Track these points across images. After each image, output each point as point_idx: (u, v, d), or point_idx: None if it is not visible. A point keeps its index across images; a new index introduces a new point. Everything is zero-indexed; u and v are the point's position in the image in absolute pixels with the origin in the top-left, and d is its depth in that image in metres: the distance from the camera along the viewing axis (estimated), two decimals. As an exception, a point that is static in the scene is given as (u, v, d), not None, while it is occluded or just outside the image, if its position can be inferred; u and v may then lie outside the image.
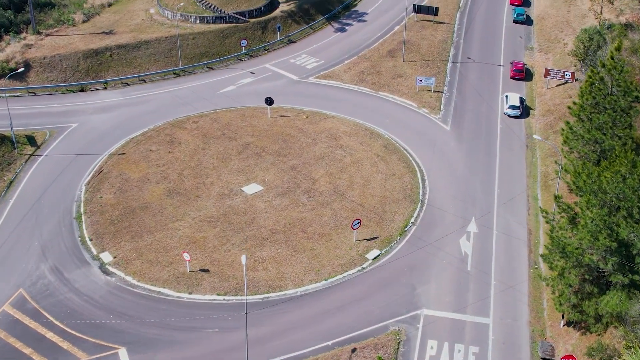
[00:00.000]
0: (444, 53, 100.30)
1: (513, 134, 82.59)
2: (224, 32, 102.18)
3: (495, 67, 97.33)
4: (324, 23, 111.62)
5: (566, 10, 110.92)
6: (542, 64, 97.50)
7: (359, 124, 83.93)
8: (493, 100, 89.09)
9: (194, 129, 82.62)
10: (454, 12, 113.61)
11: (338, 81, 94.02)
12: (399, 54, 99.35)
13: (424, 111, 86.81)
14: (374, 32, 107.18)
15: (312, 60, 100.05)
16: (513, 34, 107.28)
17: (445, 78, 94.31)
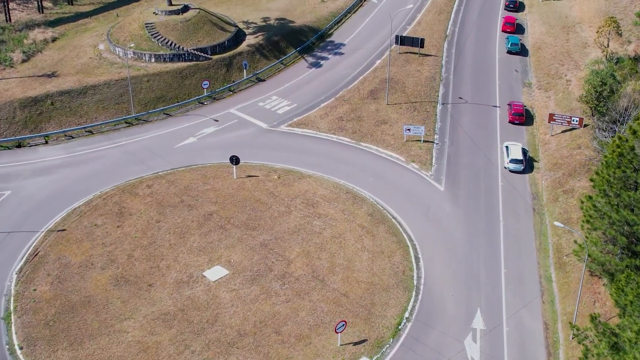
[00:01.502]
0: (432, 93, 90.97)
1: (516, 193, 73.43)
2: (182, 72, 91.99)
3: (491, 108, 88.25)
4: (296, 57, 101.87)
5: (564, 39, 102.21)
6: (542, 103, 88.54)
7: (340, 185, 74.20)
8: (491, 150, 79.99)
9: (148, 195, 72.32)
10: (440, 41, 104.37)
11: (314, 130, 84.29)
12: (381, 94, 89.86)
13: (414, 167, 77.35)
14: (352, 67, 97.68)
15: (284, 103, 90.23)
16: (508, 67, 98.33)
17: (436, 124, 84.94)
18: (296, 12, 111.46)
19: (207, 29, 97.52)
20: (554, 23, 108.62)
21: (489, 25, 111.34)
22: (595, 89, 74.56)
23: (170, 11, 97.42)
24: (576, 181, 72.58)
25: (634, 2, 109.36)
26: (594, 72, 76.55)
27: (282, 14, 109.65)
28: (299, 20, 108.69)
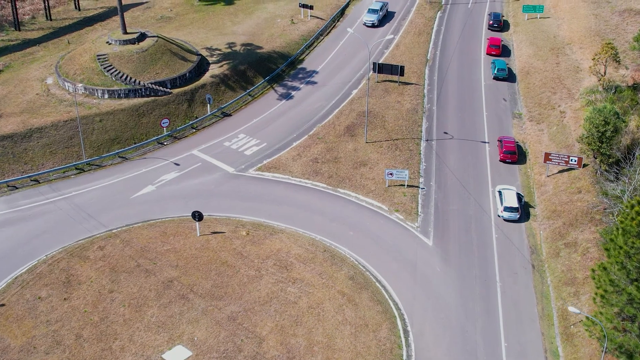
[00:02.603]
0: (415, 127, 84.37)
1: (513, 246, 67.06)
2: (139, 109, 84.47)
3: (479, 145, 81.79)
4: (265, 87, 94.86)
5: (554, 62, 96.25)
6: (535, 138, 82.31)
7: (316, 241, 67.26)
8: (482, 195, 73.81)
9: (99, 259, 64.87)
10: (421, 67, 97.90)
11: (285, 174, 77.28)
12: (359, 131, 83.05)
13: (398, 217, 70.65)
14: (327, 98, 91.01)
15: (252, 142, 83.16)
16: (495, 95, 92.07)
17: (420, 165, 78.34)
18: (264, 36, 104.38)
19: (166, 60, 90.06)
20: (542, 44, 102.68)
21: (473, 47, 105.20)
22: (598, 129, 68.24)
23: (125, 40, 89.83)
24: (579, 232, 66.28)
25: (625, 19, 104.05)
26: (595, 109, 70.35)
27: (248, 39, 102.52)
28: (267, 46, 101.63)
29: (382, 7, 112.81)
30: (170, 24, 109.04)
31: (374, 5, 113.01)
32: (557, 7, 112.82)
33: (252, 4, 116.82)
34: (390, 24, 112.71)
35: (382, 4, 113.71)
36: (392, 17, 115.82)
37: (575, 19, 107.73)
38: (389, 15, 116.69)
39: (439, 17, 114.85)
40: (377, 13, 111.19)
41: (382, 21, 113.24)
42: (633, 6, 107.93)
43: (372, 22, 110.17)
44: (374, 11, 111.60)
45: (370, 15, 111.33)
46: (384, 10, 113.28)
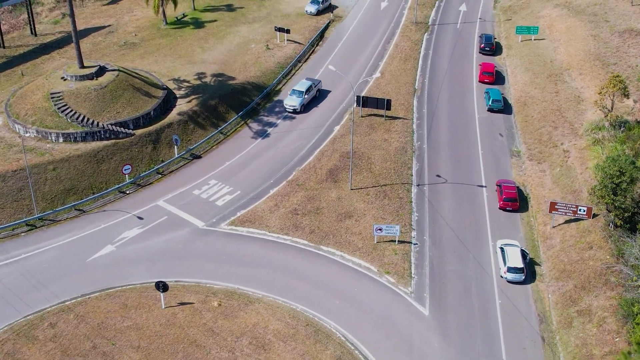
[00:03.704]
0: (404, 170, 77.50)
1: (519, 314, 60.85)
2: (98, 154, 76.95)
3: (476, 190, 75.12)
4: (238, 123, 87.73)
5: (553, 91, 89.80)
6: (537, 180, 75.73)
7: (297, 312, 60.30)
8: (482, 251, 67.42)
9: (50, 340, 57.58)
10: (409, 97, 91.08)
11: (262, 228, 70.09)
12: (343, 175, 76.07)
13: (389, 280, 63.82)
14: (306, 136, 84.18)
15: (224, 189, 75.89)
16: (490, 129, 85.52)
17: (412, 215, 71.41)
18: (236, 64, 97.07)
19: (129, 97, 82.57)
20: (538, 70, 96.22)
21: (464, 74, 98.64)
22: (612, 180, 61.59)
23: (82, 76, 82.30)
24: (592, 297, 59.65)
25: (626, 41, 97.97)
26: (609, 158, 64.03)
27: (220, 68, 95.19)
28: (240, 75, 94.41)
29: (309, 87, 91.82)
30: (135, 51, 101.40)
31: (300, 86, 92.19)
32: (553, 28, 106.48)
33: (224, 27, 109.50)
34: (375, 47, 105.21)
35: (311, 83, 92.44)
36: (326, 96, 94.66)
37: (573, 40, 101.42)
38: (322, 94, 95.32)
39: (426, 40, 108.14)
40: (302, 96, 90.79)
41: (310, 104, 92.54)
42: (633, 26, 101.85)
43: (293, 106, 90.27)
44: (298, 93, 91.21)
45: (292, 99, 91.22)
46: (312, 91, 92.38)
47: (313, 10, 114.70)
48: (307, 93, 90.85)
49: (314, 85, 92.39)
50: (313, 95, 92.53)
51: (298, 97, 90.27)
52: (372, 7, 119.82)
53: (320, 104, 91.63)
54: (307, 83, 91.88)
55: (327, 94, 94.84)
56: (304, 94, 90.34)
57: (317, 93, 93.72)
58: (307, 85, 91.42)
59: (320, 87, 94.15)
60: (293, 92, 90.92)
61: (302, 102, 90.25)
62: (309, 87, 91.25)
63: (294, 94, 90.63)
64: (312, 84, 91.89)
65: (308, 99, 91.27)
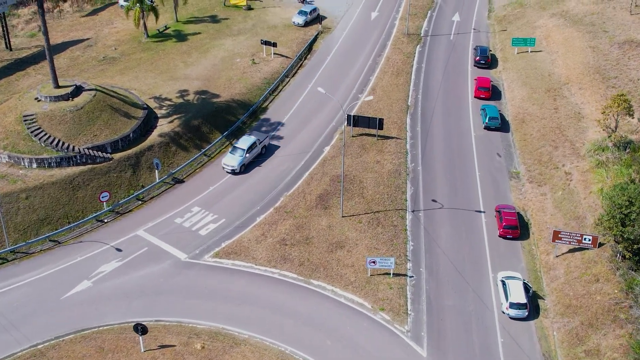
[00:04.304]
0: (398, 195, 74.03)
1: (523, 355, 57.50)
2: (74, 180, 73.12)
3: (474, 215, 71.80)
4: (223, 144, 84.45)
5: (552, 107, 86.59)
6: (538, 205, 72.48)
7: (286, 355, 57.29)
8: (482, 283, 64.57)
9: (20, 390, 53.25)
10: (402, 115, 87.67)
11: (248, 261, 66.55)
12: (334, 201, 72.58)
13: (383, 318, 60.56)
14: (294, 158, 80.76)
15: (208, 217, 72.26)
16: (488, 149, 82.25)
17: (407, 245, 67.98)
18: (221, 80, 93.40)
19: (106, 118, 78.81)
20: (536, 84, 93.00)
21: (458, 88, 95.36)
22: (621, 210, 58.28)
23: (57, 97, 78.48)
24: (601, 336, 56.35)
25: (626, 53, 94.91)
26: (617, 187, 60.82)
27: (203, 85, 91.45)
28: (225, 93, 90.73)
29: (252, 144, 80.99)
30: (114, 67, 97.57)
31: (241, 142, 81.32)
32: (550, 39, 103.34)
33: (208, 40, 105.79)
34: (365, 60, 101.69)
35: (255, 139, 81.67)
36: (273, 152, 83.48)
37: (571, 52, 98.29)
38: (270, 150, 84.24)
39: (418, 53, 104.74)
40: (242, 155, 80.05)
41: (247, 169, 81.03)
42: (633, 37, 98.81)
43: (231, 167, 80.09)
44: (238, 151, 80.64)
45: (231, 157, 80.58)
46: (255, 149, 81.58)
47: (301, 21, 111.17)
48: (249, 151, 79.68)
49: (259, 141, 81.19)
50: (257, 153, 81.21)
51: (238, 155, 79.14)
52: (362, 17, 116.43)
53: (309, 124, 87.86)
54: (249, 140, 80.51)
55: (276, 149, 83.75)
56: (245, 153, 79.09)
57: (263, 150, 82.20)
58: (250, 142, 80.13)
59: (267, 143, 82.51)
60: (233, 149, 79.78)
61: (243, 161, 79.01)
62: (252, 145, 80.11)
63: (235, 151, 79.41)
64: (256, 140, 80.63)
65: (250, 158, 79.93)
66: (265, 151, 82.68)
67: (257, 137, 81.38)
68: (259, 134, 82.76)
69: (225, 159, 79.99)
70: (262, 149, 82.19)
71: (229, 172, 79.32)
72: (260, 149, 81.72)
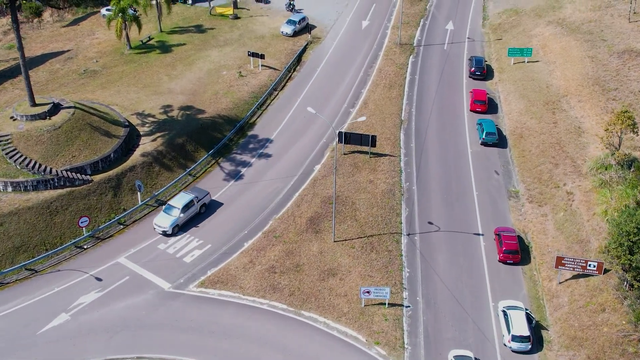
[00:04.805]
0: (393, 217, 71.14)
1: (527, 392, 53.82)
2: (51, 205, 69.86)
3: (472, 238, 69.10)
4: (208, 163, 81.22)
5: (551, 121, 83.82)
6: (539, 227, 69.75)
7: (276, 396, 53.24)
8: (482, 313, 62.34)
9: None
10: (395, 131, 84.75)
11: (235, 290, 63.62)
12: (325, 225, 69.69)
13: (379, 353, 58.04)
14: (283, 177, 78.04)
15: (193, 242, 69.23)
16: (485, 166, 79.46)
17: (402, 272, 65.16)
18: (206, 94, 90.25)
19: (86, 138, 75.61)
20: (533, 97, 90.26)
21: (454, 101, 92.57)
22: (629, 237, 55.46)
23: (34, 115, 75.20)
24: None
25: (626, 63, 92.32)
26: (624, 213, 57.87)
27: (188, 99, 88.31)
28: (210, 108, 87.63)
29: (188, 203, 72.92)
30: (95, 80, 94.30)
31: (176, 201, 73.04)
32: (547, 48, 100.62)
33: (193, 51, 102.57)
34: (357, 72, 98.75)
35: (192, 197, 73.74)
36: (214, 211, 74.52)
37: (569, 62, 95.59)
38: (212, 207, 75.85)
39: (411, 63, 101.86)
40: (176, 215, 72.15)
41: (183, 227, 73.01)
42: (633, 45, 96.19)
43: (162, 228, 71.72)
44: (173, 210, 72.64)
45: (163, 217, 72.50)
46: (192, 207, 73.55)
47: (289, 31, 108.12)
48: (185, 210, 71.69)
49: (197, 199, 73.06)
50: (195, 212, 73.20)
51: (172, 215, 71.32)
52: (352, 26, 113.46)
53: (299, 141, 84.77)
54: (186, 197, 72.48)
55: (218, 207, 75.66)
56: (180, 212, 71.24)
57: (203, 209, 74.02)
58: (187, 200, 72.04)
59: (207, 201, 74.41)
60: (168, 207, 71.89)
61: (176, 222, 71.02)
62: (188, 203, 72.03)
63: (169, 210, 71.49)
64: (193, 198, 72.54)
65: (185, 218, 71.90)
66: (206, 210, 74.10)
67: (195, 195, 72.90)
68: (199, 191, 74.03)
69: (157, 217, 71.41)
70: (202, 207, 73.70)
71: (160, 234, 71.20)
72: (198, 208, 73.30)
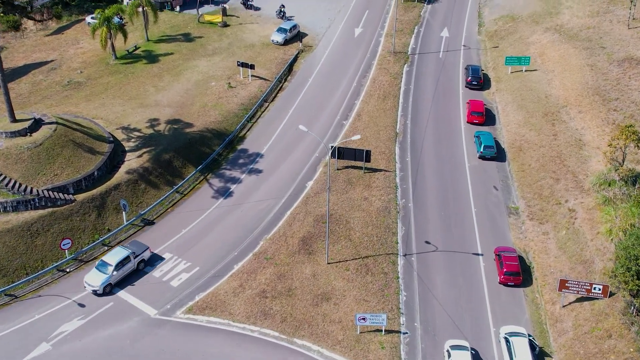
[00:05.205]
0: (388, 237, 68.75)
1: None
2: (32, 226, 67.27)
3: (471, 258, 66.75)
4: (197, 179, 78.48)
5: (551, 133, 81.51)
6: (540, 246, 67.44)
7: None
8: (484, 340, 60.80)
9: None
10: (390, 144, 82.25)
11: (225, 317, 61.15)
12: (318, 245, 67.23)
13: (376, 384, 54.45)
14: (275, 194, 75.79)
15: (181, 265, 66.74)
16: (483, 181, 77.10)
17: (399, 295, 62.81)
18: (195, 107, 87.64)
19: (68, 155, 72.93)
20: (532, 107, 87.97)
21: (450, 113, 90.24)
22: (637, 261, 53.10)
23: (13, 132, 72.68)
24: None
25: (627, 72, 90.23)
26: (631, 236, 55.37)
27: (175, 112, 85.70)
28: (199, 121, 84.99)
29: (124, 259, 66.15)
30: (80, 92, 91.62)
31: (110, 257, 66.21)
32: (544, 56, 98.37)
33: (181, 61, 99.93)
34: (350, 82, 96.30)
35: (129, 253, 66.92)
36: (155, 265, 67.74)
37: (568, 71, 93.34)
38: (152, 261, 68.91)
39: (406, 73, 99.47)
40: (109, 272, 65.15)
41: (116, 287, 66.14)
42: (633, 53, 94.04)
43: (92, 287, 65.13)
44: (104, 267, 65.72)
45: (94, 275, 65.57)
46: (128, 264, 66.53)
47: (280, 39, 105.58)
48: (119, 267, 65.17)
49: (135, 255, 66.43)
50: (132, 269, 66.49)
51: (104, 273, 64.83)
52: (345, 34, 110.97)
53: (290, 155, 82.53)
54: (121, 253, 65.82)
55: (159, 263, 68.64)
56: (114, 270, 64.65)
57: (141, 265, 67.39)
58: (122, 256, 65.42)
59: (147, 257, 67.70)
60: (101, 264, 65.47)
61: (109, 280, 64.52)
62: (123, 259, 65.46)
63: (102, 267, 65.03)
64: (130, 254, 65.92)
65: (119, 276, 65.45)
66: (144, 266, 67.38)
67: (132, 250, 66.16)
68: (138, 245, 67.25)
69: (88, 274, 64.96)
70: (140, 263, 66.90)
71: (92, 292, 64.73)
72: (135, 265, 66.46)
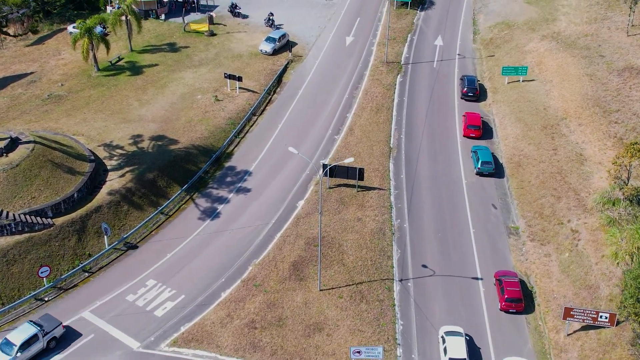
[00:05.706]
0: (384, 261, 65.95)
1: None
2: (8, 253, 64.43)
3: (471, 283, 64.11)
4: (182, 200, 75.53)
5: (551, 148, 78.84)
6: (542, 269, 64.84)
7: None
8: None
9: None
10: (384, 160, 79.50)
11: (212, 350, 58.35)
12: (310, 270, 64.46)
13: (372, 423, 51.48)
14: (264, 215, 72.97)
15: (165, 293, 63.79)
16: (481, 199, 74.35)
17: (396, 325, 60.12)
18: (180, 122, 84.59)
19: (47, 176, 69.83)
20: (530, 120, 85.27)
21: (445, 127, 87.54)
22: (644, 289, 50.67)
23: (-11, 153, 69.04)
24: None
25: (627, 82, 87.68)
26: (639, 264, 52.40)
27: (160, 127, 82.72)
28: (184, 137, 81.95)
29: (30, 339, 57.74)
30: (60, 107, 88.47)
31: (14, 335, 58.09)
32: (542, 66, 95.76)
33: (166, 72, 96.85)
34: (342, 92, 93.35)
35: (33, 333, 58.13)
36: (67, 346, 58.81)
37: (567, 81, 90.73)
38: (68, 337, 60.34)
39: (399, 84, 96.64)
40: (13, 355, 56.78)
41: None
42: (633, 62, 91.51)
43: None
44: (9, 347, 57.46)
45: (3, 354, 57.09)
46: (34, 345, 58.15)
47: (269, 49, 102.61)
48: (25, 348, 57.46)
49: (44, 333, 58.65)
50: (41, 349, 58.71)
51: (7, 354, 56.72)
52: (335, 43, 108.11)
53: (280, 173, 79.89)
54: (28, 331, 58.21)
55: (76, 338, 60.40)
56: (18, 351, 57.04)
57: (52, 344, 59.07)
58: (28, 335, 57.85)
59: (58, 334, 59.72)
60: (4, 343, 57.87)
61: None
62: (30, 339, 57.84)
63: (6, 348, 57.37)
64: (37, 332, 58.30)
65: (26, 357, 57.67)
66: (56, 344, 59.19)
67: (40, 328, 57.89)
68: (49, 320, 59.13)
69: None
70: (50, 342, 58.73)
71: None
72: (45, 343, 58.30)
